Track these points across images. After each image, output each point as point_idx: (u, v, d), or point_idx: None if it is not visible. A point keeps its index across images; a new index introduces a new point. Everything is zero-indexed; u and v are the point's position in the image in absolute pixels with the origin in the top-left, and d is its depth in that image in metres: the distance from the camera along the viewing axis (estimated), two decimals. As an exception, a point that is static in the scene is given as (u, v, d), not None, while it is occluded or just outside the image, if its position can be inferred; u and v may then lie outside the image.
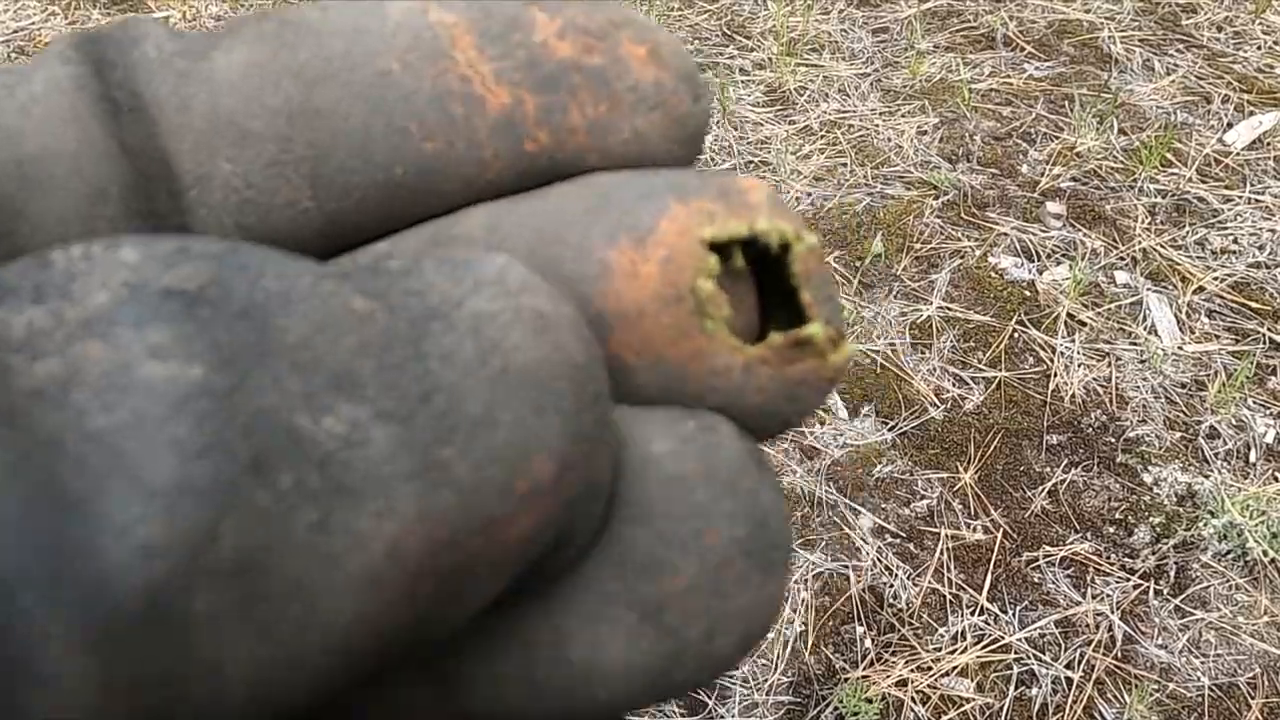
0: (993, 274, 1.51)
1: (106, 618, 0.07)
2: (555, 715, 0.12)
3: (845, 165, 1.72)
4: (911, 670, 1.10)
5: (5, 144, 0.12)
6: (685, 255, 0.12)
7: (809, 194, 1.68)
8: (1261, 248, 1.52)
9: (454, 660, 0.11)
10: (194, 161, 0.12)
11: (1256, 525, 1.16)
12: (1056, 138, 1.73)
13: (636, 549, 0.11)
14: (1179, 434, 1.29)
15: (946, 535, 1.21)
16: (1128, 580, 1.16)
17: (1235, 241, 1.53)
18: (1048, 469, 1.27)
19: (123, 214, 0.12)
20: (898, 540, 1.21)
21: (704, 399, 0.12)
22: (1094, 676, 1.09)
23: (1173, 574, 1.16)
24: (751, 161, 1.74)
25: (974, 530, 1.22)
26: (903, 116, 1.81)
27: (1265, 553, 1.15)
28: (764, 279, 0.13)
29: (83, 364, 0.08)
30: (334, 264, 0.10)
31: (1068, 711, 1.07)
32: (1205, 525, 1.18)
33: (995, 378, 1.37)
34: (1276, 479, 1.23)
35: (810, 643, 1.12)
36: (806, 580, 1.17)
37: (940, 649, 1.12)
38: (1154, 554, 1.17)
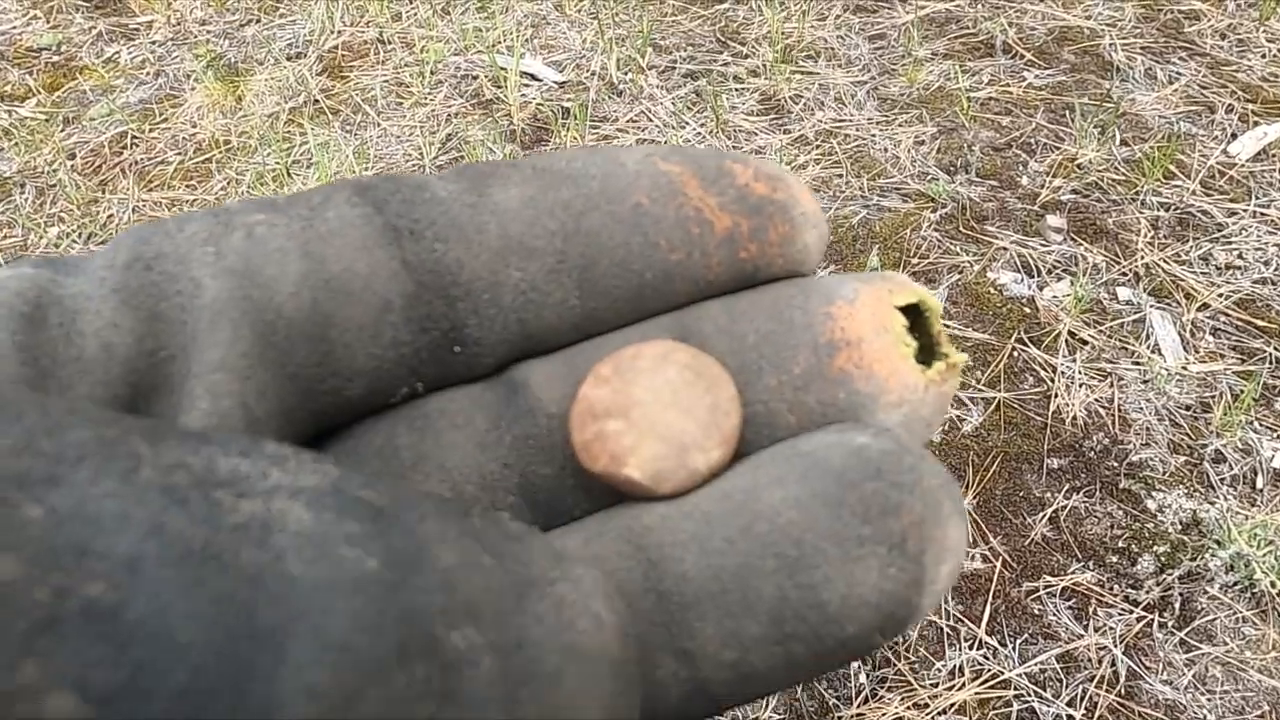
0: (992, 290, 1.47)
1: None
2: (802, 662, 0.14)
3: (841, 176, 1.68)
4: (908, 707, 1.06)
5: (318, 266, 0.15)
6: (884, 309, 0.16)
7: (804, 206, 1.64)
8: (1267, 263, 1.48)
9: (697, 640, 0.14)
10: (489, 270, 0.16)
11: (1264, 556, 1.12)
12: (1057, 148, 1.69)
13: (878, 497, 0.14)
14: (1183, 458, 1.25)
15: (944, 564, 1.17)
16: (1131, 612, 1.12)
17: (1240, 256, 1.49)
18: (1048, 494, 1.23)
19: (404, 320, 0.16)
20: (894, 569, 1.17)
21: (899, 406, 0.16)
22: (1096, 715, 1.05)
23: (1178, 606, 1.12)
24: (745, 172, 1.70)
25: (973, 559, 1.18)
26: (900, 126, 1.77)
27: (1274, 584, 1.11)
28: None
29: (285, 517, 0.10)
30: (473, 519, 0.12)
31: (1069, 751, 1.03)
32: (1212, 556, 1.14)
33: (994, 398, 1.33)
34: (1284, 506, 1.19)
35: (803, 678, 1.08)
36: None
37: (937, 684, 1.08)
38: (1158, 585, 1.14)
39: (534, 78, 1.97)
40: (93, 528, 0.09)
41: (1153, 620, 1.11)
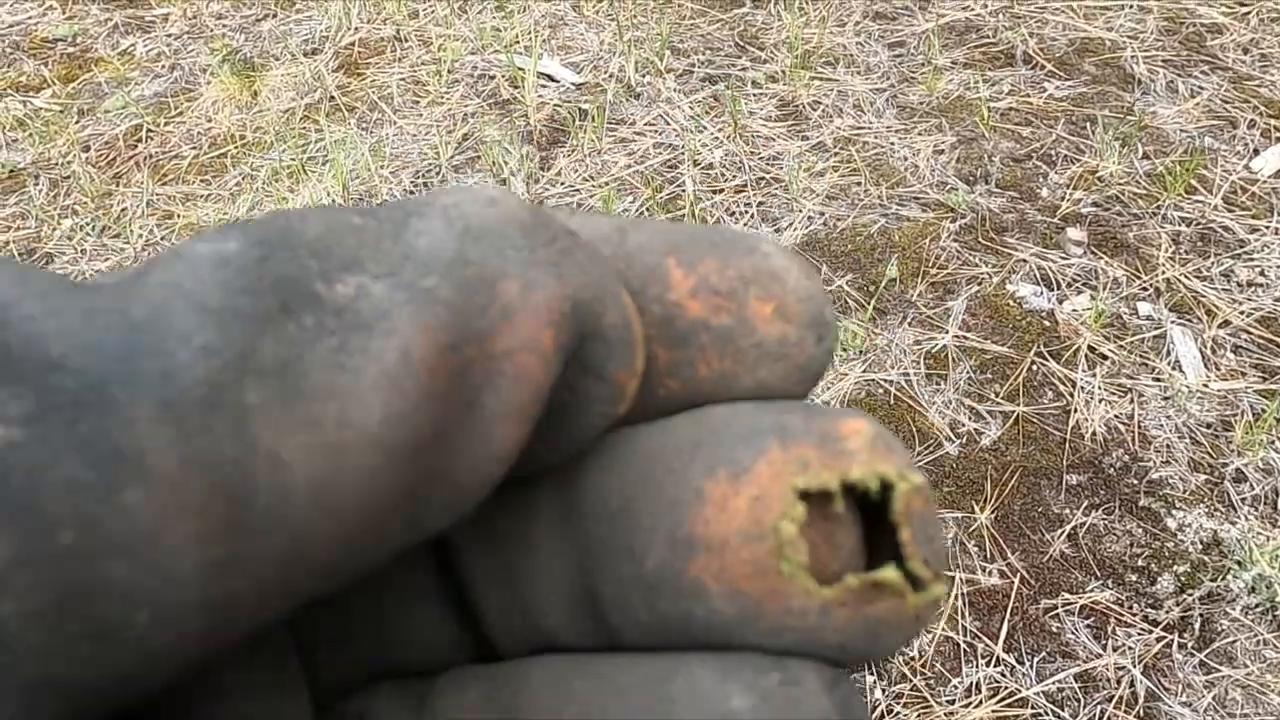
0: (1011, 302, 1.46)
1: (178, 397, 0.09)
2: None
3: (859, 184, 1.67)
4: (924, 724, 1.05)
5: None
6: (774, 498, 0.12)
7: (821, 213, 1.63)
8: (1289, 281, 1.46)
9: None
10: None
11: (1286, 578, 1.11)
12: (1078, 160, 1.68)
13: None
14: (1204, 477, 1.24)
15: (961, 579, 1.16)
16: (1150, 632, 1.11)
17: (1262, 273, 1.48)
18: (1067, 510, 1.22)
19: None
20: (910, 583, 1.16)
21: (781, 635, 0.12)
22: (1115, 735, 1.04)
23: (1198, 627, 1.11)
24: (763, 178, 1.69)
25: (990, 574, 1.17)
26: (919, 134, 1.76)
27: (1295, 607, 1.10)
28: (875, 513, 0.13)
29: (150, 285, 0.10)
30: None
31: (1087, 772, 1.02)
32: (1234, 577, 1.13)
33: (1013, 412, 1.32)
34: (1306, 527, 1.18)
35: (818, 692, 1.07)
36: (815, 625, 1.12)
37: (954, 702, 1.07)
38: (1178, 605, 1.12)
39: (551, 78, 1.96)
40: None
41: (1172, 641, 1.10)
